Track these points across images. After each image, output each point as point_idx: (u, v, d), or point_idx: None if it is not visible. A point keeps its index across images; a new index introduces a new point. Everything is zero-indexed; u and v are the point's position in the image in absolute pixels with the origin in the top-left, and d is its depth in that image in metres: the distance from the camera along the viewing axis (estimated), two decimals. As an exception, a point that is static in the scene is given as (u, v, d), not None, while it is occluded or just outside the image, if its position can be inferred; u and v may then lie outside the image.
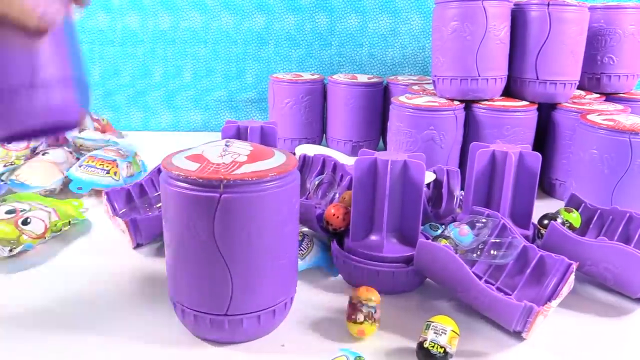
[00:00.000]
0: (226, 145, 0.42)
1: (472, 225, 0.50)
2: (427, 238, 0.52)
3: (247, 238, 0.38)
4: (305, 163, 0.71)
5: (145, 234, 0.58)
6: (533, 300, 0.44)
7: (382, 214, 0.50)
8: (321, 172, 0.70)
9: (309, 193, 0.65)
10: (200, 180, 0.37)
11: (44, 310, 0.47)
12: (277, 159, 0.41)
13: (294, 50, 1.16)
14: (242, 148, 0.42)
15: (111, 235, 0.63)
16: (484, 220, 0.51)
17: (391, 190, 0.50)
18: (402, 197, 0.51)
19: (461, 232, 0.49)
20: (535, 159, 0.56)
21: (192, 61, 1.18)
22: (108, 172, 0.75)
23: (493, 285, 0.48)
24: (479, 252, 0.49)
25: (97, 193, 0.74)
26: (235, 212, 0.37)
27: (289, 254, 0.42)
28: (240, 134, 0.65)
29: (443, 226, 0.57)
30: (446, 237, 0.50)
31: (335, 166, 0.69)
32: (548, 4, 0.73)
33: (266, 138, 0.66)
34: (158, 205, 0.67)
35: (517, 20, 0.76)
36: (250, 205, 0.37)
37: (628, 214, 0.55)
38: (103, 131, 0.99)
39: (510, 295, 0.46)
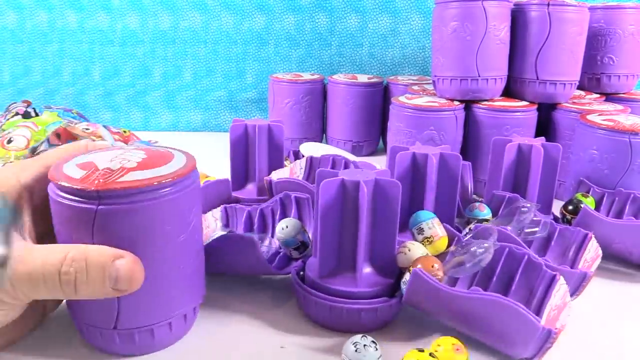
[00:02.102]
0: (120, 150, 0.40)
1: (518, 211, 0.55)
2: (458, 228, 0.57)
3: (129, 249, 0.35)
4: (312, 165, 0.71)
5: None
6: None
7: (427, 204, 0.55)
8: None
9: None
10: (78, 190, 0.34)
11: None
12: (174, 163, 0.38)
13: (294, 50, 1.16)
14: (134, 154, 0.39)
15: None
16: (528, 204, 0.55)
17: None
18: (439, 188, 0.56)
19: (481, 209, 0.57)
20: (556, 150, 0.61)
21: (192, 61, 1.18)
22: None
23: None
24: (520, 232, 0.54)
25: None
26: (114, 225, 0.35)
27: (182, 266, 0.39)
28: (248, 133, 0.66)
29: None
30: (486, 220, 0.55)
31: (347, 165, 0.69)
32: (548, 4, 0.73)
33: (273, 136, 0.67)
34: None
35: (517, 20, 0.76)
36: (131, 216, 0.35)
37: (632, 195, 0.61)
38: (125, 142, 0.98)
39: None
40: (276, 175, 0.64)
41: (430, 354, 0.36)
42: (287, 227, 0.49)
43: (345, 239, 0.45)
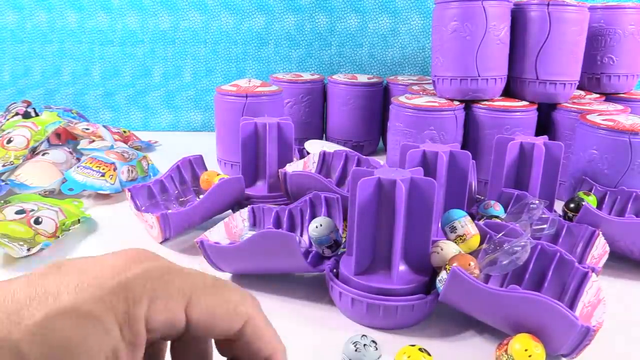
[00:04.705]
0: None
1: (527, 207, 0.55)
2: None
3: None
4: (325, 159, 0.72)
5: (174, 229, 0.59)
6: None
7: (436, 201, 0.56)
8: (344, 168, 0.70)
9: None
10: None
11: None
12: None
13: (294, 50, 1.16)
14: None
15: (120, 231, 0.64)
16: (536, 201, 0.55)
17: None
18: (449, 186, 0.56)
19: (496, 207, 0.57)
20: (558, 148, 0.62)
21: (192, 61, 1.18)
22: (103, 175, 0.74)
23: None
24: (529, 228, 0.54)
25: (99, 195, 0.74)
26: None
27: None
28: (258, 131, 0.67)
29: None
30: (495, 217, 0.55)
31: (360, 161, 0.69)
32: (548, 4, 0.73)
33: (283, 133, 0.68)
34: (181, 200, 0.69)
35: (517, 20, 0.76)
36: None
37: (634, 193, 0.61)
38: (125, 142, 0.98)
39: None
40: (291, 168, 0.65)
41: (420, 349, 0.37)
42: (320, 225, 0.49)
43: (381, 236, 0.45)
